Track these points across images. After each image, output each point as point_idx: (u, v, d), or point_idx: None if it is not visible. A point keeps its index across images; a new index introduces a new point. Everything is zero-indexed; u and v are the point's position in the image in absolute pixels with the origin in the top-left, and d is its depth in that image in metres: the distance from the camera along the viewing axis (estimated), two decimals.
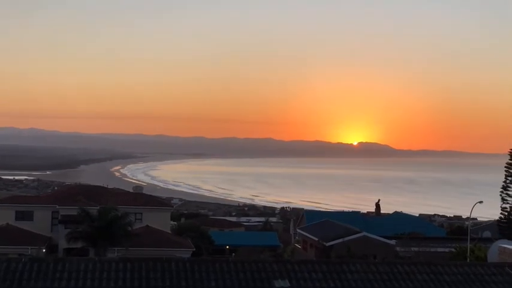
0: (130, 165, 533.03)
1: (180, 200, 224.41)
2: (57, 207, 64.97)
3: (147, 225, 64.33)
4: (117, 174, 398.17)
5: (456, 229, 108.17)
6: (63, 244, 59.51)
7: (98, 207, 58.64)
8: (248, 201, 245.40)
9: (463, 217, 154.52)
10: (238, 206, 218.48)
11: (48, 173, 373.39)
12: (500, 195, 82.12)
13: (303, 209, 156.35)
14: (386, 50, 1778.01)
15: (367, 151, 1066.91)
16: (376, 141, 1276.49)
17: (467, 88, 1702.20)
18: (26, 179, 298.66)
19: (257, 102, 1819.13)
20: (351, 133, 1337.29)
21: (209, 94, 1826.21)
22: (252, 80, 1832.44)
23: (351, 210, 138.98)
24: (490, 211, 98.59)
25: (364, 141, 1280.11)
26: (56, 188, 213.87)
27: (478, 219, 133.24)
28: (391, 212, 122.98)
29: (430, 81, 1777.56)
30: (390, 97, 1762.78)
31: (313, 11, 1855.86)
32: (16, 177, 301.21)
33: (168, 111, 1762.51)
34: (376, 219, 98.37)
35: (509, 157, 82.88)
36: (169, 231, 69.73)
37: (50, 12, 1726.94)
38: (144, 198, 73.94)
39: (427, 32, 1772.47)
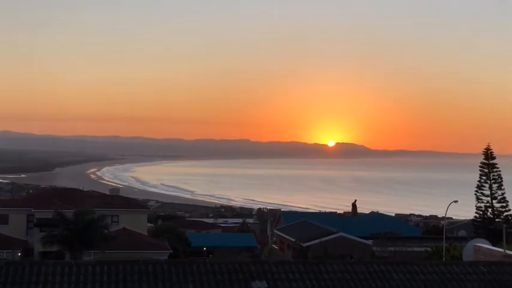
0: (107, 167, 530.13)
1: (157, 202, 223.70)
2: (33, 210, 64.40)
3: (124, 228, 64.03)
4: (93, 176, 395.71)
5: (432, 228, 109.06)
6: (38, 248, 59.02)
7: (73, 210, 58.18)
8: (225, 203, 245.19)
9: (438, 216, 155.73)
10: (215, 207, 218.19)
11: (22, 176, 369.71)
12: (475, 194, 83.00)
13: (280, 210, 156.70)
14: (361, 50, 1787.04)
15: (343, 152, 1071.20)
16: (352, 142, 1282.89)
17: (442, 89, 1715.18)
18: (0, 182, 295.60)
19: (233, 103, 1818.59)
20: (327, 134, 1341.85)
21: (185, 96, 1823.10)
22: (228, 81, 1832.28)
23: (327, 210, 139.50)
24: (465, 210, 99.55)
25: (340, 141, 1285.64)
26: (31, 191, 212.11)
27: (454, 218, 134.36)
28: (367, 212, 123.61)
29: (406, 82, 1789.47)
30: (366, 98, 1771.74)
31: (291, 11, 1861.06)
32: None
33: (144, 112, 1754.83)
34: (352, 219, 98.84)
35: (483, 157, 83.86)
36: (146, 234, 69.48)
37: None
38: (120, 201, 73.59)
39: (401, 32, 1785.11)
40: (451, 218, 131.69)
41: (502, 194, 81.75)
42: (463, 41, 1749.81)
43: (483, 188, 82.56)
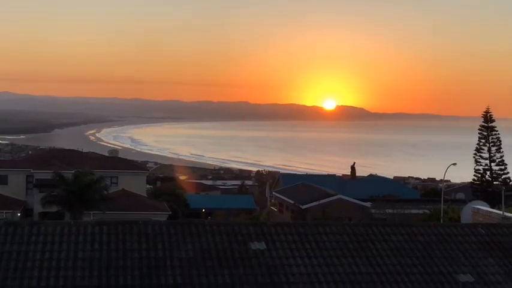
0: (105, 129, 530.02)
1: (156, 163, 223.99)
2: (32, 171, 64.57)
3: (123, 189, 64.24)
4: (92, 138, 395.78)
5: (430, 191, 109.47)
6: (38, 208, 59.30)
7: (73, 171, 58.33)
8: (224, 165, 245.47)
9: (436, 179, 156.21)
10: (214, 169, 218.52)
11: (22, 137, 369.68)
12: (474, 157, 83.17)
13: (278, 172, 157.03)
14: (365, 12, 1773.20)
15: (342, 114, 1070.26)
16: (351, 105, 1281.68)
17: (443, 51, 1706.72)
18: None
19: (232, 66, 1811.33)
20: (326, 96, 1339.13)
21: (185, 58, 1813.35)
22: (228, 43, 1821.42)
23: (326, 173, 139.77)
24: (463, 173, 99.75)
25: (339, 104, 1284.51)
26: (30, 152, 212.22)
27: (452, 181, 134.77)
28: (366, 174, 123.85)
29: (407, 45, 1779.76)
30: (366, 61, 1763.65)
31: None
32: None
33: (143, 74, 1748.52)
34: (351, 182, 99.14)
35: (482, 120, 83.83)
36: (145, 195, 69.76)
37: None
38: (119, 162, 73.72)
39: None
40: (449, 181, 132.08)
41: (501, 156, 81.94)
42: (465, 3, 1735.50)
43: (482, 150, 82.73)
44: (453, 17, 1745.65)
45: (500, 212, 22.71)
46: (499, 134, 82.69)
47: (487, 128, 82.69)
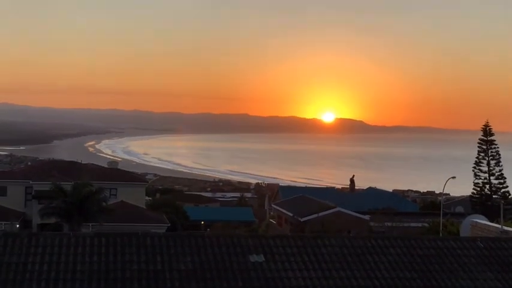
0: (105, 140, 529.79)
1: (155, 175, 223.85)
2: (31, 182, 64.54)
3: (122, 201, 64.21)
4: (91, 149, 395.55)
5: (429, 204, 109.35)
6: (37, 220, 59.22)
7: (72, 183, 58.28)
8: (223, 177, 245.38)
9: (436, 192, 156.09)
10: (213, 181, 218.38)
11: (21, 148, 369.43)
12: (473, 170, 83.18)
13: (278, 184, 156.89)
14: (361, 26, 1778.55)
15: (342, 127, 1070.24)
16: (350, 117, 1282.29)
17: (441, 64, 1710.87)
18: None
19: (233, 78, 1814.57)
20: (326, 109, 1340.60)
21: (185, 70, 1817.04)
22: (228, 55, 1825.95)
23: (325, 186, 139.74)
24: (462, 187, 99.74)
25: (339, 117, 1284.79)
26: (29, 163, 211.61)
27: (451, 194, 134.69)
28: (365, 187, 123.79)
29: (405, 57, 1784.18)
30: (365, 73, 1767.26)
31: None
32: None
33: (143, 86, 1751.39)
34: (350, 194, 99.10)
35: (481, 133, 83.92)
36: (144, 207, 69.71)
37: None
38: (119, 174, 73.70)
39: (400, 5, 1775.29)
40: (449, 194, 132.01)
41: (500, 170, 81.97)
42: (462, 16, 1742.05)
43: (481, 164, 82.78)
44: (452, 30, 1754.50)
45: (499, 226, 22.70)
46: (498, 147, 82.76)
47: (487, 142, 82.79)
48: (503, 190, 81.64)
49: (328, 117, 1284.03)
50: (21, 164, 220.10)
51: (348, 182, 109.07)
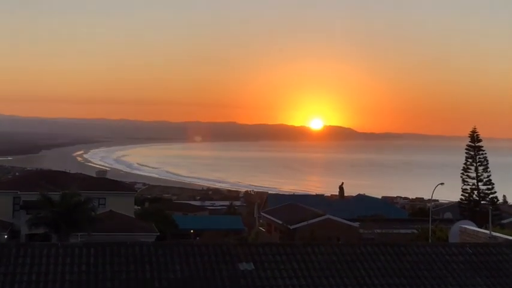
0: (93, 149, 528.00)
1: (144, 184, 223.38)
2: (19, 192, 64.26)
3: (111, 210, 63.93)
4: (79, 159, 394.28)
5: (418, 211, 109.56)
6: (25, 230, 58.92)
7: (60, 193, 57.99)
8: (212, 185, 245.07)
9: (424, 199, 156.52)
10: (202, 190, 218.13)
11: (9, 158, 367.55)
12: (461, 177, 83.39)
13: (267, 192, 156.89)
14: (351, 32, 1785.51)
15: (331, 134, 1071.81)
16: (339, 125, 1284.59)
17: (428, 70, 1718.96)
18: None
19: (220, 86, 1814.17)
20: (314, 116, 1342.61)
21: (172, 78, 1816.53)
22: (214, 63, 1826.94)
23: (315, 193, 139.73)
24: (451, 193, 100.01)
25: (327, 124, 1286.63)
26: (17, 173, 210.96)
27: (440, 200, 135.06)
28: (354, 194, 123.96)
29: (394, 64, 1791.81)
30: (353, 80, 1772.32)
31: None
32: None
33: (130, 95, 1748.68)
34: (339, 201, 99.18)
35: (469, 139, 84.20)
36: (133, 216, 69.45)
37: None
38: (107, 183, 73.49)
39: (389, 12, 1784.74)
40: (437, 201, 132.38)
41: (488, 176, 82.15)
42: (450, 23, 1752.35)
43: (469, 170, 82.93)
44: (439, 37, 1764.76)
45: (488, 232, 22.78)
46: (486, 153, 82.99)
47: (474, 148, 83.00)
48: (491, 196, 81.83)
49: (316, 124, 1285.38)
50: (8, 174, 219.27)
51: (337, 189, 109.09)
